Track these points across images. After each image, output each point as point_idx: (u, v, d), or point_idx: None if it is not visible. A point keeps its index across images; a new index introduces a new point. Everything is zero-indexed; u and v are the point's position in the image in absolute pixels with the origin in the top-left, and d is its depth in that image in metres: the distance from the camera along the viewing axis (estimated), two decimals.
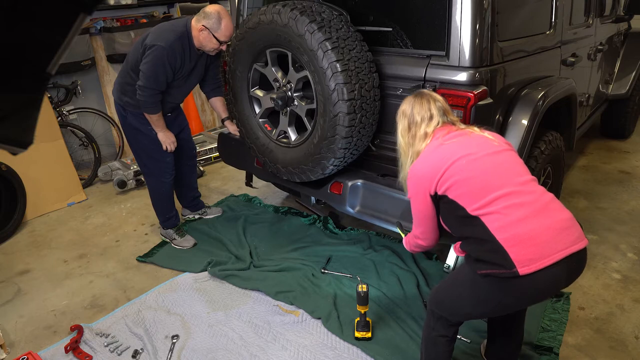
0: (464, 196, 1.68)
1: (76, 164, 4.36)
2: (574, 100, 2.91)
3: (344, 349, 2.33)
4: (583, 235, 1.66)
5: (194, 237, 3.34)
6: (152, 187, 3.25)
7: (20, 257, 3.32)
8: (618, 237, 3.20)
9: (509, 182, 1.68)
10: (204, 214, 3.64)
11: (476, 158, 1.71)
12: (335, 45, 2.21)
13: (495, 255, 1.59)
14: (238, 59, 2.69)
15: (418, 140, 1.84)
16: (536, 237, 1.57)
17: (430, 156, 1.78)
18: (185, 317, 2.61)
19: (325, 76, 2.23)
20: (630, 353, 2.28)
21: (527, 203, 1.63)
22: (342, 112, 2.25)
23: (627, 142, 4.93)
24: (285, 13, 2.29)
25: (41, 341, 2.51)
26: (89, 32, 4.66)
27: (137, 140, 3.09)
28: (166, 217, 3.29)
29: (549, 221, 1.61)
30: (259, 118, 2.78)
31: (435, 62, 2.24)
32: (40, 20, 0.85)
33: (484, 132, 1.83)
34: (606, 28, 3.89)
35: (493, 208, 1.63)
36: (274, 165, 2.75)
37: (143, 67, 2.78)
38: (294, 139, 2.64)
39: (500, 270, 1.58)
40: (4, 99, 0.91)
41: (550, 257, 1.56)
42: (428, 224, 1.86)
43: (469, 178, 1.68)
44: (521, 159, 1.81)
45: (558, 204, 1.68)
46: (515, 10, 2.46)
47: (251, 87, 2.74)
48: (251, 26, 2.50)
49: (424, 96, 1.88)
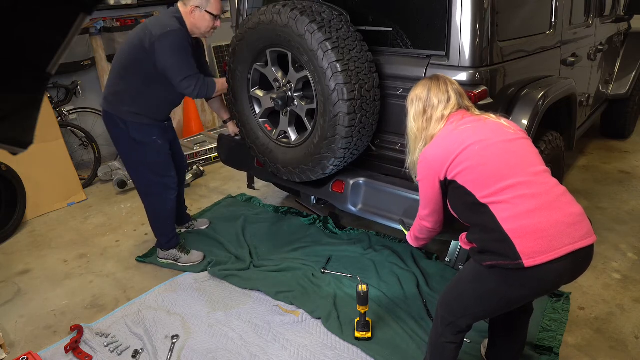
0: (475, 182, 1.66)
1: (76, 164, 4.36)
2: (574, 100, 2.91)
3: (344, 349, 2.33)
4: (592, 231, 1.65)
5: (195, 244, 3.22)
6: (153, 207, 2.98)
7: (20, 257, 3.32)
8: (618, 237, 3.20)
9: (521, 172, 1.65)
10: (191, 227, 3.49)
11: (490, 144, 1.69)
12: (335, 46, 2.20)
13: (502, 245, 1.58)
14: (238, 59, 2.67)
15: (434, 122, 1.81)
16: (544, 230, 1.56)
17: (443, 141, 1.76)
18: (185, 317, 2.61)
19: (326, 76, 2.23)
20: (630, 353, 2.28)
21: (537, 194, 1.61)
22: (342, 112, 2.25)
23: (627, 142, 4.93)
24: (285, 13, 2.28)
25: (41, 341, 2.51)
26: (89, 32, 4.66)
27: (138, 154, 2.81)
28: (169, 237, 3.05)
29: (558, 214, 1.59)
30: (259, 118, 2.77)
31: (436, 62, 2.24)
32: (40, 20, 0.85)
33: (500, 119, 1.80)
34: (606, 28, 3.88)
35: (503, 197, 1.62)
36: (274, 165, 2.74)
37: (169, 60, 2.56)
38: (294, 138, 2.63)
39: (505, 262, 1.58)
40: (4, 99, 0.91)
41: (556, 250, 1.55)
42: (434, 207, 1.86)
43: (481, 164, 1.67)
44: (536, 149, 1.79)
45: (569, 198, 1.67)
46: (515, 10, 2.46)
47: (251, 87, 2.72)
48: (251, 26, 2.49)
49: (440, 79, 1.85)
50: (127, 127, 2.75)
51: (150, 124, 2.79)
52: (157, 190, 2.92)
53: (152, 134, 2.80)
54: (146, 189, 2.94)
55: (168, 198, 2.94)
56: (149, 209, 3.02)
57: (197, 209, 3.87)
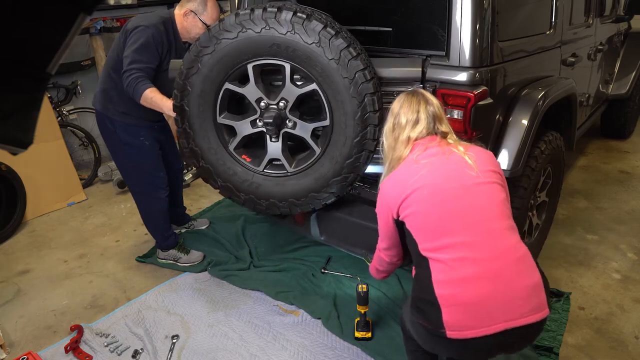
0: (419, 230, 1.50)
1: (76, 164, 4.35)
2: (574, 100, 2.91)
3: (344, 349, 2.33)
4: (542, 306, 1.42)
5: (195, 244, 3.21)
6: (145, 207, 2.98)
7: (20, 257, 3.32)
8: (618, 237, 3.20)
9: (469, 229, 1.44)
10: (191, 226, 3.48)
11: (439, 190, 1.48)
12: (358, 52, 1.98)
13: (430, 308, 1.43)
14: (201, 79, 2.21)
15: (400, 144, 1.63)
16: (477, 304, 1.38)
17: (400, 175, 1.58)
18: (185, 317, 2.61)
19: (352, 87, 1.99)
20: (630, 353, 2.27)
21: (480, 260, 1.41)
22: (372, 124, 2.03)
23: (627, 142, 4.94)
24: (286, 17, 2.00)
25: (41, 341, 2.51)
26: (89, 32, 4.65)
27: (127, 155, 2.80)
28: (165, 236, 3.05)
29: (501, 286, 1.39)
30: (233, 150, 2.36)
31: (435, 62, 2.24)
32: (40, 20, 0.85)
33: (468, 152, 1.56)
34: (606, 28, 3.88)
35: (441, 255, 1.43)
36: (265, 201, 2.36)
37: (127, 51, 2.48)
38: (293, 165, 2.30)
39: (429, 326, 1.45)
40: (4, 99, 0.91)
41: (487, 327, 1.37)
42: (391, 242, 1.71)
43: (427, 212, 1.48)
44: (504, 195, 1.55)
45: (525, 265, 1.44)
46: (515, 10, 2.46)
47: (219, 113, 2.30)
48: (227, 36, 2.10)
49: (416, 95, 1.66)
50: (114, 127, 2.74)
51: (138, 124, 2.76)
52: (147, 190, 2.90)
53: (139, 135, 2.77)
54: (136, 188, 2.94)
55: (159, 197, 2.92)
56: (140, 208, 3.02)
57: (197, 209, 3.87)
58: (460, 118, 2.11)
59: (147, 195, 2.92)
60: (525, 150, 2.33)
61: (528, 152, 2.38)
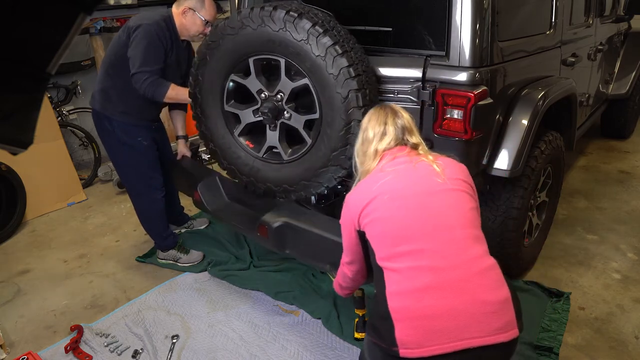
0: (377, 238, 1.41)
1: (76, 164, 4.36)
2: (574, 100, 2.91)
3: (344, 349, 2.33)
4: (509, 326, 1.28)
5: (195, 244, 3.21)
6: (142, 207, 2.99)
7: (20, 257, 3.32)
8: (618, 237, 3.20)
9: (431, 235, 1.34)
10: (191, 226, 3.49)
11: (401, 195, 1.41)
12: (344, 50, 2.08)
13: (383, 324, 1.31)
14: (210, 70, 2.42)
15: (368, 158, 1.58)
16: (433, 317, 1.25)
17: (363, 184, 1.53)
18: (185, 317, 2.61)
19: (336, 83, 2.08)
20: (630, 353, 2.27)
21: (439, 269, 1.29)
22: (356, 119, 2.09)
23: (627, 142, 4.94)
24: (279, 16, 2.14)
25: (41, 341, 2.51)
26: (89, 32, 4.65)
27: (124, 155, 2.80)
28: (163, 236, 3.05)
29: (461, 299, 1.26)
30: (238, 135, 2.53)
31: (435, 62, 2.23)
32: (40, 20, 0.85)
33: (437, 161, 1.50)
34: (606, 28, 3.88)
35: (397, 265, 1.33)
36: (263, 185, 2.50)
37: (133, 51, 2.51)
38: (288, 154, 2.41)
39: (383, 345, 1.32)
40: (4, 99, 0.91)
41: (444, 344, 1.24)
42: (355, 257, 1.62)
43: (386, 219, 1.39)
44: (473, 204, 1.46)
45: (491, 278, 1.32)
46: (515, 10, 2.46)
47: (226, 101, 2.47)
48: (230, 32, 2.27)
49: (384, 109, 1.63)
50: (113, 127, 2.73)
51: (137, 124, 2.77)
52: (143, 191, 2.90)
53: (137, 135, 2.77)
54: (133, 189, 2.94)
55: (155, 198, 2.92)
56: (137, 209, 3.03)
57: (197, 209, 3.86)
58: (460, 118, 2.11)
59: (143, 196, 2.92)
60: (525, 150, 2.33)
61: (528, 152, 2.38)
